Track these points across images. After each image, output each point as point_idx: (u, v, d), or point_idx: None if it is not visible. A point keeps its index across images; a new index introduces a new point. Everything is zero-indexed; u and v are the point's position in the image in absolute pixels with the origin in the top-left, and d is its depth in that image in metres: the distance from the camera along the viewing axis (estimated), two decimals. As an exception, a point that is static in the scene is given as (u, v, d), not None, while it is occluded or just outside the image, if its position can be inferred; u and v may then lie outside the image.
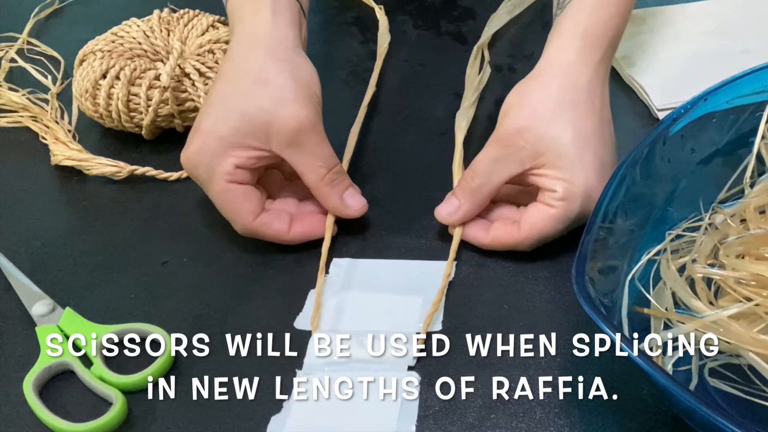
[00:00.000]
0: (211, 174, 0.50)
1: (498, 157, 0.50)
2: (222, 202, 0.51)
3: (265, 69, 0.51)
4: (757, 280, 0.43)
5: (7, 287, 0.51)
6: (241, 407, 0.45)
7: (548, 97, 0.50)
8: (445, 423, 0.43)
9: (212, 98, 0.51)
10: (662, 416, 0.43)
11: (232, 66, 0.52)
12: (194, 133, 0.51)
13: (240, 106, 0.50)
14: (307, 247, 0.53)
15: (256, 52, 0.51)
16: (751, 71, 0.50)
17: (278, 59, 0.51)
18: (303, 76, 0.52)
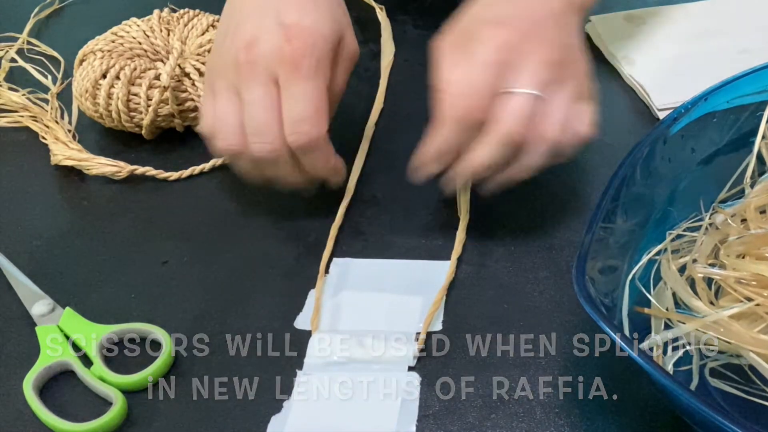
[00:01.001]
0: (315, 72, 0.49)
1: None
2: (311, 100, 0.48)
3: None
4: (757, 279, 0.43)
5: (7, 287, 0.51)
6: (241, 407, 0.45)
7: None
8: (445, 423, 0.43)
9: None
10: (662, 416, 0.43)
11: None
12: (292, 27, 0.48)
13: (332, 11, 0.51)
14: (307, 247, 0.53)
15: None
16: (751, 71, 0.50)
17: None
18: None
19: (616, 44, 0.68)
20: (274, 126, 0.48)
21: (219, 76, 0.51)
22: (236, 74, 0.49)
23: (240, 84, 0.49)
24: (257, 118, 0.48)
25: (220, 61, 0.51)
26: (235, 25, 0.50)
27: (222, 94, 0.50)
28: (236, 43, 0.49)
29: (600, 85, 0.67)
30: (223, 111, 0.50)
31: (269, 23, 0.49)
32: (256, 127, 0.49)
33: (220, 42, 0.52)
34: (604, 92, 0.66)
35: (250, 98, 0.48)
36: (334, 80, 0.51)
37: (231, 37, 0.50)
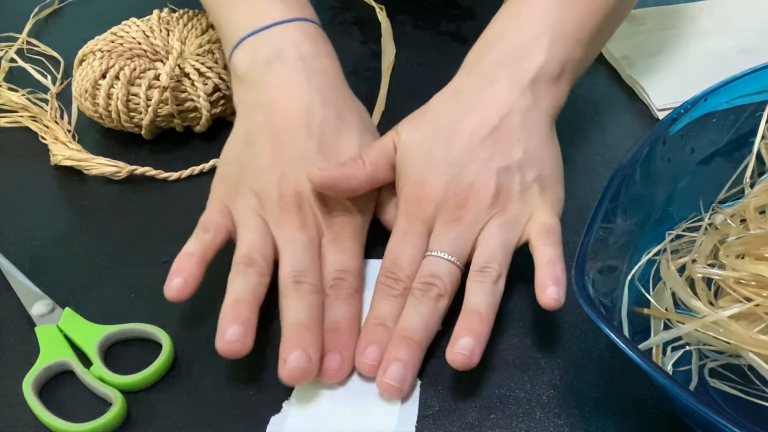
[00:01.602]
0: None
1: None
2: (359, 255, 0.50)
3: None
4: (757, 280, 0.43)
5: (7, 287, 0.51)
6: (241, 407, 0.45)
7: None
8: (445, 423, 0.43)
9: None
10: (662, 416, 0.43)
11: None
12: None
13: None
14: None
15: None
16: (751, 71, 0.50)
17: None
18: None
19: (616, 44, 0.68)
20: (317, 270, 0.48)
21: (242, 201, 0.50)
22: (280, 212, 0.49)
23: (284, 222, 0.49)
24: (300, 259, 0.47)
25: (253, 186, 0.50)
26: (273, 147, 0.50)
27: (254, 227, 0.49)
28: (281, 182, 0.49)
29: (600, 85, 0.67)
30: (252, 240, 0.48)
31: (314, 161, 0.50)
32: (298, 268, 0.47)
33: (252, 163, 0.51)
34: (604, 92, 0.66)
35: (296, 240, 0.48)
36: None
37: (271, 170, 0.50)
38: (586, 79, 0.67)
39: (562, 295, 0.43)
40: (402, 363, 0.43)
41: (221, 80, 0.61)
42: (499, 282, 0.45)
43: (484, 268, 0.45)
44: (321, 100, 0.51)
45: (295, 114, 0.51)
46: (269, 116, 0.51)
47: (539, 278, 0.44)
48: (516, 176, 0.48)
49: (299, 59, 0.52)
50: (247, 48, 0.54)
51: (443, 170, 0.48)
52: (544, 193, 0.48)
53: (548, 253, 0.45)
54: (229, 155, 0.52)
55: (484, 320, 0.44)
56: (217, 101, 0.62)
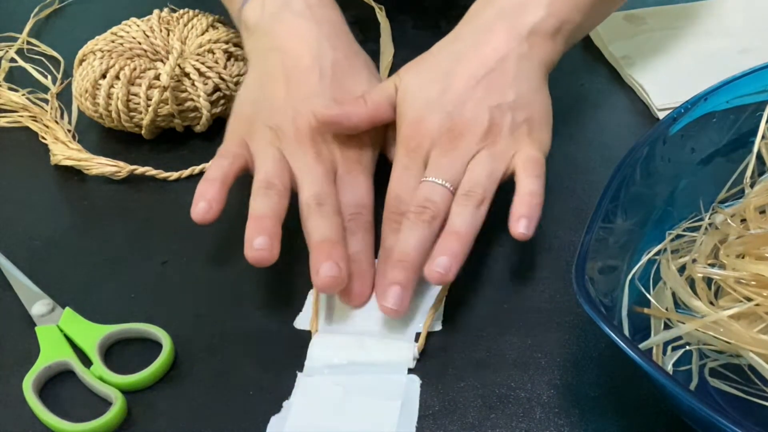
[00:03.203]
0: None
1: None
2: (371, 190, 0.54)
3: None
4: (757, 280, 0.43)
5: (7, 287, 0.51)
6: (241, 407, 0.45)
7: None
8: (445, 423, 0.43)
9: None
10: (662, 416, 0.43)
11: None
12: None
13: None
14: (306, 247, 0.53)
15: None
16: (751, 71, 0.50)
17: None
18: None
19: (616, 44, 0.68)
20: (334, 199, 0.51)
21: (259, 135, 0.53)
22: (296, 143, 0.52)
23: (300, 153, 0.52)
24: (316, 186, 0.51)
25: (267, 121, 0.53)
26: (287, 85, 0.54)
27: (264, 151, 0.52)
28: (295, 117, 0.53)
29: (600, 85, 0.67)
30: (267, 166, 0.51)
31: (325, 102, 0.53)
32: (318, 197, 0.50)
33: (264, 99, 0.54)
34: (604, 92, 0.66)
35: (312, 169, 0.51)
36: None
37: (286, 105, 0.53)
38: (586, 79, 0.67)
39: (531, 230, 0.47)
40: (400, 287, 0.46)
41: (221, 80, 0.61)
42: (482, 207, 0.48)
43: (468, 192, 0.48)
44: (330, 44, 0.55)
45: (306, 56, 0.54)
46: (282, 59, 0.54)
47: (515, 208, 0.47)
48: (507, 115, 0.50)
49: (306, 8, 0.56)
50: (255, 3, 0.57)
51: (440, 108, 0.51)
52: (532, 133, 0.51)
53: (529, 185, 0.48)
54: (245, 96, 0.55)
55: (463, 240, 0.47)
56: (217, 101, 0.62)
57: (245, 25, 0.58)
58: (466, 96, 0.51)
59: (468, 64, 0.52)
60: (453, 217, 0.48)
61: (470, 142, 0.50)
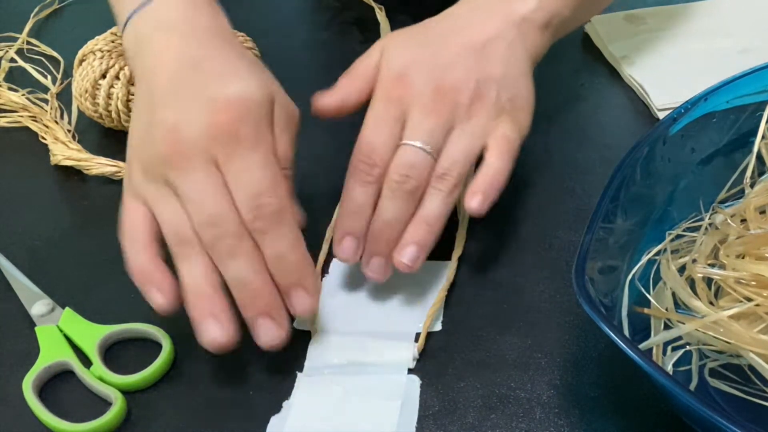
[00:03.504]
0: (257, 139, 0.44)
1: None
2: (262, 169, 0.44)
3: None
4: (757, 280, 0.43)
5: (7, 287, 0.51)
6: (241, 407, 0.45)
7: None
8: (445, 423, 0.43)
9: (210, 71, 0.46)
10: (662, 416, 0.43)
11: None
12: (217, 100, 0.44)
13: (255, 75, 0.46)
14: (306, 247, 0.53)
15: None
16: (751, 71, 0.50)
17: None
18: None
19: (616, 44, 0.68)
20: (229, 210, 0.43)
21: (143, 179, 0.45)
22: (165, 168, 0.43)
23: (173, 178, 0.43)
24: (207, 206, 0.43)
25: (142, 159, 0.45)
26: (149, 113, 0.45)
27: (155, 198, 0.44)
28: (156, 134, 0.44)
29: (600, 85, 0.67)
30: (166, 215, 0.44)
31: (188, 102, 0.44)
32: (210, 218, 0.43)
33: (137, 138, 0.46)
34: (604, 92, 0.66)
35: (190, 188, 0.43)
36: (278, 147, 0.45)
37: (148, 128, 0.45)
38: (586, 78, 0.67)
39: (485, 206, 0.47)
40: (381, 258, 0.47)
41: (221, 80, 0.61)
42: (455, 192, 0.48)
43: (444, 175, 0.48)
44: (200, 44, 0.47)
45: (170, 61, 0.46)
46: (148, 80, 0.46)
47: (475, 181, 0.48)
48: (493, 90, 0.50)
49: (181, 21, 0.48)
50: (132, 26, 0.49)
51: (428, 66, 0.50)
52: (513, 113, 0.50)
53: (495, 163, 0.48)
54: (127, 145, 0.48)
55: (432, 229, 0.47)
56: (217, 101, 0.62)
57: (126, 54, 0.51)
58: (456, 61, 0.50)
59: (461, 35, 0.52)
60: (424, 201, 0.48)
61: (455, 107, 0.49)
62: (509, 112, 0.50)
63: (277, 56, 0.70)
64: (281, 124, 0.46)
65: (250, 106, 0.44)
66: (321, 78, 0.54)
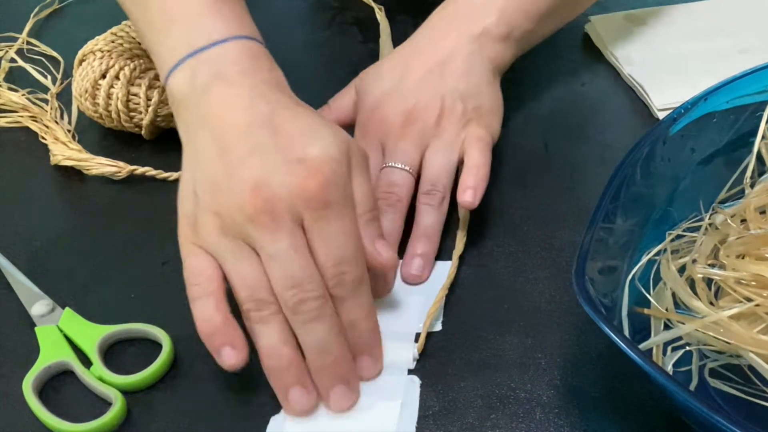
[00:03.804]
0: (344, 203, 0.44)
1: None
2: (349, 236, 0.44)
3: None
4: (757, 280, 0.43)
5: (7, 287, 0.51)
6: (241, 407, 0.45)
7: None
8: (445, 423, 0.43)
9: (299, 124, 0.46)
10: (662, 416, 0.43)
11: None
12: (306, 160, 0.43)
13: (327, 123, 0.47)
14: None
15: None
16: (751, 71, 0.50)
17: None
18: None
19: (616, 44, 0.68)
20: (314, 274, 0.42)
21: (219, 234, 0.44)
22: (249, 227, 0.43)
23: (258, 237, 0.43)
24: (293, 269, 0.42)
25: (220, 214, 0.44)
26: (225, 168, 0.44)
27: (232, 254, 0.43)
28: (239, 191, 0.43)
29: (600, 85, 0.67)
30: (243, 273, 0.43)
31: (273, 163, 0.43)
32: (295, 280, 0.42)
33: (208, 191, 0.45)
34: (604, 92, 0.66)
35: (276, 249, 0.42)
36: (358, 193, 0.45)
37: (225, 183, 0.44)
38: (587, 78, 0.67)
39: (477, 198, 0.51)
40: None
41: (221, 80, 0.61)
42: (444, 203, 0.52)
43: (430, 191, 0.52)
44: (265, 101, 0.46)
45: (241, 120, 0.45)
46: (214, 133, 0.46)
47: (462, 179, 0.51)
48: (458, 103, 0.54)
49: (241, 75, 0.47)
50: (184, 72, 0.48)
51: (395, 97, 0.55)
52: (480, 120, 0.55)
53: (475, 159, 0.52)
54: (184, 190, 0.47)
55: (432, 240, 0.52)
56: (217, 101, 0.62)
57: (172, 98, 0.49)
58: (419, 85, 0.55)
59: (422, 58, 0.56)
60: (421, 217, 0.52)
61: (424, 126, 0.54)
62: (476, 120, 0.54)
63: (277, 56, 0.70)
64: (358, 168, 0.46)
65: (335, 168, 0.44)
66: (321, 78, 0.54)
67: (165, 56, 0.50)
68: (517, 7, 0.57)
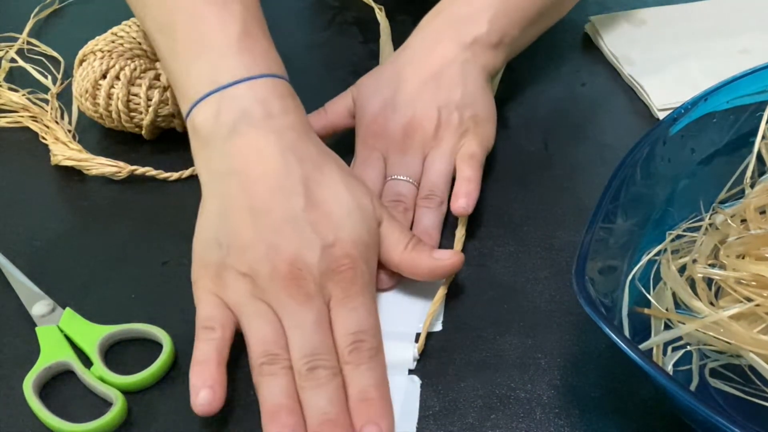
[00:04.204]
0: (370, 283, 0.47)
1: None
2: (369, 311, 0.46)
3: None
4: (757, 280, 0.43)
5: (7, 287, 0.51)
6: (241, 407, 0.45)
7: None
8: (445, 423, 0.43)
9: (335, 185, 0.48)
10: (662, 416, 0.43)
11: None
12: (337, 243, 0.46)
13: (361, 207, 0.48)
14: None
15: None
16: (751, 71, 0.50)
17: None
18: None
19: (616, 44, 0.68)
20: (331, 347, 0.44)
21: (247, 291, 0.45)
22: (279, 292, 0.44)
23: (285, 303, 0.44)
24: (313, 340, 0.44)
25: (252, 272, 0.45)
26: (256, 227, 0.46)
27: (255, 312, 0.45)
28: (273, 257, 0.45)
29: (600, 85, 0.67)
30: (262, 331, 0.44)
31: (309, 236, 0.45)
32: (312, 350, 0.43)
33: (235, 244, 0.46)
34: (604, 92, 0.66)
35: (303, 321, 0.44)
36: (396, 232, 0.49)
37: (259, 242, 0.45)
38: (587, 78, 0.67)
39: (470, 205, 0.52)
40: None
41: (221, 80, 0.61)
42: (442, 206, 0.54)
43: (429, 196, 0.54)
44: (296, 157, 0.47)
45: (272, 176, 0.46)
46: (243, 185, 0.47)
47: (455, 190, 0.53)
48: (455, 113, 0.55)
49: (267, 117, 0.48)
50: (209, 107, 0.48)
51: (393, 110, 0.56)
52: (477, 128, 0.56)
53: (466, 172, 0.54)
54: (206, 236, 0.47)
55: (432, 238, 0.52)
56: (217, 101, 0.62)
57: (194, 132, 0.49)
58: (416, 96, 0.56)
59: (416, 68, 0.57)
60: (421, 219, 0.53)
61: (423, 138, 0.55)
62: (473, 130, 0.56)
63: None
64: (385, 215, 0.50)
65: (362, 250, 0.47)
66: (321, 78, 0.54)
67: (188, 89, 0.50)
68: (506, 14, 0.59)
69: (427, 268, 0.48)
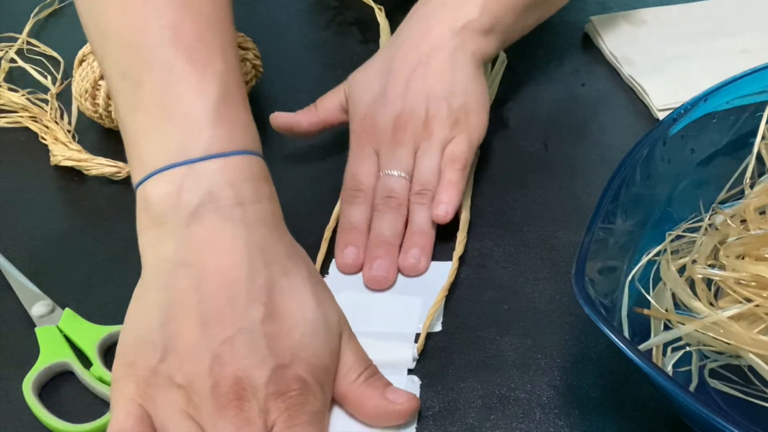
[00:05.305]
0: (327, 397, 0.42)
1: None
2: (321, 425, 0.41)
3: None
4: (757, 280, 0.43)
5: (7, 288, 0.51)
6: (240, 408, 0.45)
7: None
8: (445, 423, 0.43)
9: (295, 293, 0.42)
10: (662, 416, 0.43)
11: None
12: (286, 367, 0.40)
13: (330, 309, 0.44)
14: (306, 249, 0.53)
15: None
16: (751, 71, 0.50)
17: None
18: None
19: (616, 44, 0.68)
20: None
21: (181, 413, 0.39)
22: (216, 415, 0.39)
23: (216, 418, 0.39)
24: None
25: (180, 384, 0.39)
26: (208, 335, 0.40)
27: (179, 421, 0.39)
28: (218, 372, 0.39)
29: (600, 85, 0.67)
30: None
31: (263, 354, 0.40)
32: None
33: (176, 343, 0.40)
34: (604, 92, 0.66)
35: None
36: (350, 358, 0.43)
37: (204, 351, 0.39)
38: (587, 78, 0.67)
39: (450, 212, 0.52)
40: (382, 259, 0.51)
41: (221, 80, 0.61)
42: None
43: (421, 191, 0.54)
44: (263, 258, 0.42)
45: (232, 277, 0.41)
46: (197, 281, 0.41)
47: (437, 195, 0.53)
48: (443, 104, 0.55)
49: (237, 205, 0.42)
50: (169, 181, 0.42)
51: (382, 103, 0.56)
52: (468, 118, 0.55)
53: (450, 176, 0.53)
54: (140, 331, 0.41)
55: (427, 235, 0.52)
56: (217, 101, 0.62)
57: (145, 208, 0.44)
58: (405, 89, 0.55)
59: (404, 57, 0.56)
60: (414, 215, 0.53)
61: (414, 130, 0.55)
62: (464, 120, 0.55)
63: (277, 56, 0.70)
64: (348, 336, 0.44)
65: (318, 375, 0.41)
66: (321, 78, 0.55)
67: (146, 155, 0.44)
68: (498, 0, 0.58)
69: (373, 409, 0.42)
